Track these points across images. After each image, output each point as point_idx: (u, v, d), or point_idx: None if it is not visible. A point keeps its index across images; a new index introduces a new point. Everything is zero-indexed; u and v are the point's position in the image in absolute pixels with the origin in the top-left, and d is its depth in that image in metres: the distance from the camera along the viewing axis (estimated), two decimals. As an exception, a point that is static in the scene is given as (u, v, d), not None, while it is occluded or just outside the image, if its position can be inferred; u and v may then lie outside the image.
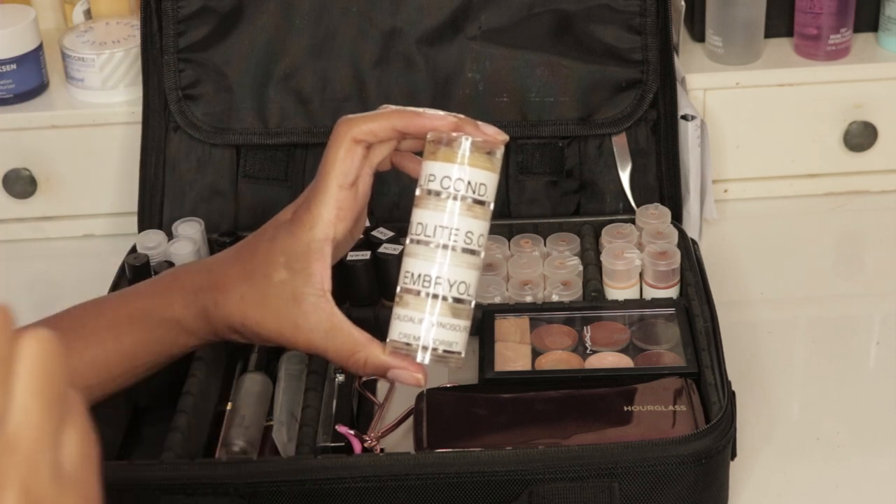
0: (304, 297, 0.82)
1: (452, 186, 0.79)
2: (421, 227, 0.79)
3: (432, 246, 0.79)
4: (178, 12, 1.17)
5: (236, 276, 0.85)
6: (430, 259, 0.79)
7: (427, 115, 0.81)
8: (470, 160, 0.78)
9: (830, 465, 0.96)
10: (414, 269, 0.80)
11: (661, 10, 1.16)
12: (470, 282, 0.80)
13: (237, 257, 0.86)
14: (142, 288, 0.89)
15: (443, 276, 0.79)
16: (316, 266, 0.82)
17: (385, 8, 1.16)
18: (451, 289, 0.79)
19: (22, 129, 1.26)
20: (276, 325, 0.83)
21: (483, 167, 0.79)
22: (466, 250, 0.79)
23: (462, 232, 0.79)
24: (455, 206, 0.79)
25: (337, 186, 0.82)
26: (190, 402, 0.94)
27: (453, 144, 0.79)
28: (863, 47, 1.29)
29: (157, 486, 0.85)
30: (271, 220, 0.87)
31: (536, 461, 0.85)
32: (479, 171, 0.79)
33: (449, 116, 0.81)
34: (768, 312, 1.13)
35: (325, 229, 0.82)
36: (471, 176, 0.79)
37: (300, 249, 0.82)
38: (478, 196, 0.79)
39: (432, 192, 0.79)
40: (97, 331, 0.87)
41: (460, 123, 0.80)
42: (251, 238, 0.87)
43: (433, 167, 0.79)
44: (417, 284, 0.79)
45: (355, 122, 0.82)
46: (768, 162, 1.29)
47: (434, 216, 0.79)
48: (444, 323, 0.79)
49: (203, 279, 0.86)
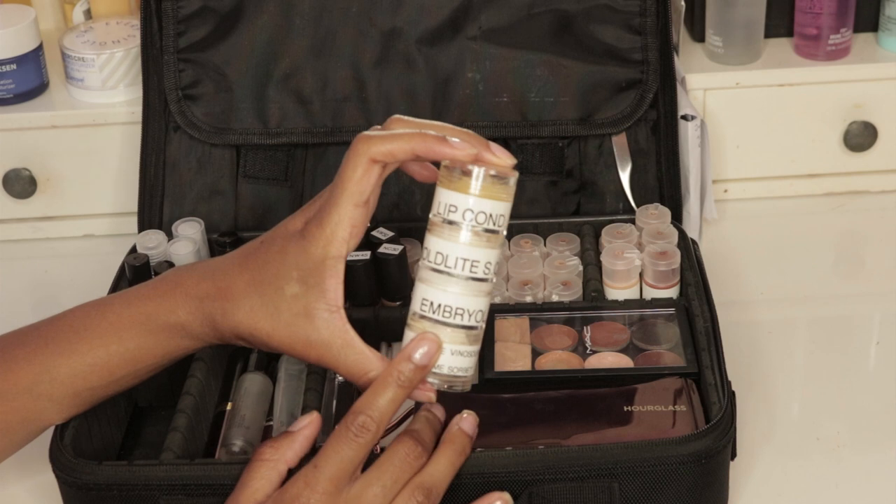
0: (317, 312, 0.82)
1: (465, 216, 0.80)
2: (438, 255, 0.80)
3: (444, 274, 0.80)
4: (178, 12, 1.17)
5: (245, 286, 0.85)
6: (442, 287, 0.81)
7: (448, 144, 0.80)
8: (483, 191, 0.79)
9: (830, 465, 0.96)
10: (430, 297, 0.81)
11: (661, 10, 1.16)
12: (481, 309, 0.82)
13: (245, 266, 0.86)
14: (144, 291, 0.89)
15: (453, 304, 0.81)
16: (330, 282, 0.82)
17: (385, 8, 1.16)
18: (461, 317, 0.81)
19: (22, 129, 1.26)
20: (287, 338, 0.83)
21: (500, 198, 0.80)
22: (480, 279, 0.81)
23: (480, 263, 0.80)
24: (467, 236, 0.80)
25: (353, 205, 0.82)
26: (190, 402, 0.94)
27: (468, 175, 0.79)
28: (863, 47, 1.29)
29: (157, 486, 0.85)
30: (278, 228, 0.86)
31: (536, 461, 0.85)
32: (496, 203, 0.80)
33: (467, 147, 0.80)
34: (768, 312, 1.13)
35: (339, 247, 0.82)
36: (484, 207, 0.80)
37: (314, 265, 0.82)
38: (490, 226, 0.80)
39: (447, 222, 0.80)
40: (100, 333, 0.87)
41: (479, 155, 0.80)
42: (258, 247, 0.86)
43: (449, 196, 0.80)
44: (434, 314, 0.81)
45: (374, 142, 0.81)
46: (768, 162, 1.29)
47: (446, 245, 0.80)
48: (453, 350, 0.81)
49: (209, 287, 0.86)
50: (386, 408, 0.80)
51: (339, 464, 0.78)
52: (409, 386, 0.80)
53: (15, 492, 0.97)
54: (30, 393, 0.87)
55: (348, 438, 0.78)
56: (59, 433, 0.89)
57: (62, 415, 0.89)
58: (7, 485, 0.98)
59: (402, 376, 0.80)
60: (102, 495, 0.86)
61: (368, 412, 0.79)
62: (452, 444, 0.81)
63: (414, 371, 0.80)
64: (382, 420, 0.79)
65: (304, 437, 0.82)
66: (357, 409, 0.79)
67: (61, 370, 0.87)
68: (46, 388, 0.87)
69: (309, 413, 0.84)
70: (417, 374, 0.80)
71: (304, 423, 0.83)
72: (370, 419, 0.79)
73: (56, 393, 0.87)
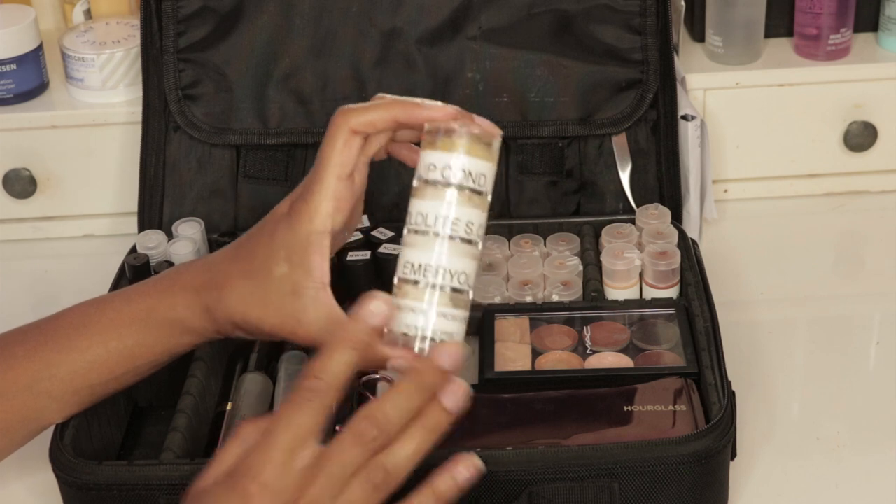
0: (304, 290, 0.82)
1: (451, 175, 0.78)
2: (419, 216, 0.78)
3: (431, 235, 0.78)
4: (178, 12, 1.17)
5: (237, 273, 0.85)
6: (429, 248, 0.78)
7: (426, 106, 0.81)
8: (468, 150, 0.78)
9: (830, 465, 0.96)
10: (412, 259, 0.79)
11: (661, 10, 1.16)
12: (468, 272, 0.79)
13: (237, 254, 0.86)
14: (144, 288, 0.89)
15: (441, 265, 0.78)
16: (315, 259, 0.82)
17: (385, 8, 1.16)
18: (449, 278, 0.78)
19: (22, 129, 1.26)
20: (277, 320, 0.83)
21: (481, 157, 0.78)
22: (465, 240, 0.78)
23: (461, 221, 0.78)
24: (454, 195, 0.78)
25: (335, 178, 0.82)
26: (190, 402, 0.94)
27: (452, 134, 0.78)
28: (863, 47, 1.29)
29: (157, 486, 0.85)
30: (269, 214, 0.87)
31: (536, 461, 0.85)
32: (477, 161, 0.78)
33: (448, 107, 0.80)
34: (768, 312, 1.13)
35: (324, 221, 0.82)
36: (469, 165, 0.78)
37: (299, 242, 0.82)
38: (476, 186, 0.78)
39: (430, 182, 0.78)
40: (100, 330, 0.87)
41: (459, 114, 0.80)
42: (250, 234, 0.87)
43: (432, 157, 0.79)
44: (416, 274, 0.78)
45: (353, 113, 0.82)
46: (768, 162, 1.29)
47: (432, 205, 0.78)
48: (442, 313, 0.78)
49: (204, 278, 0.86)
50: (338, 370, 0.74)
51: (292, 433, 0.73)
52: (361, 347, 0.75)
53: (15, 491, 0.97)
54: (30, 391, 0.87)
55: (298, 404, 0.73)
56: (59, 433, 0.89)
57: (62, 413, 0.89)
58: (7, 484, 0.98)
59: (354, 337, 0.75)
60: (102, 495, 0.86)
61: (318, 374, 0.74)
62: (423, 424, 0.75)
63: (365, 332, 0.75)
64: (333, 382, 0.74)
65: None
66: (306, 373, 0.74)
67: (61, 368, 0.87)
68: (46, 386, 0.87)
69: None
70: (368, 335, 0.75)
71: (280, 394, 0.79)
72: (319, 380, 0.73)
73: (56, 391, 0.87)
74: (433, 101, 0.82)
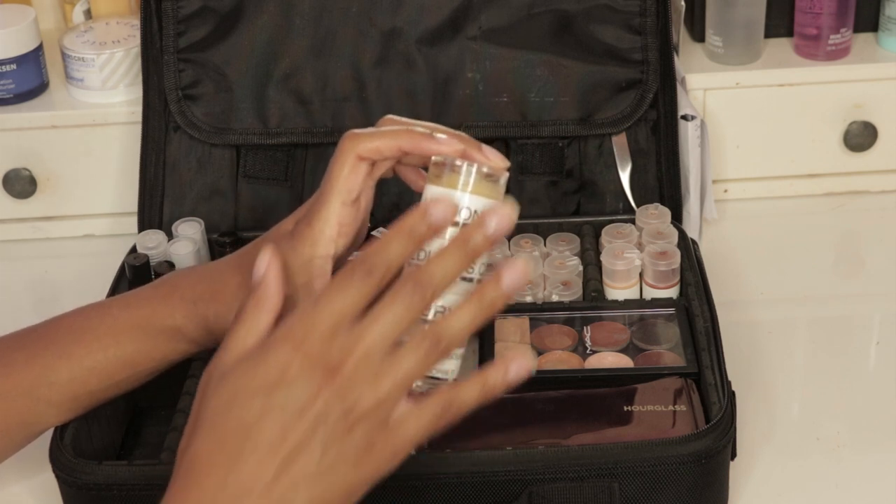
0: None
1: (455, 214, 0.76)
2: (421, 252, 0.76)
3: None
4: (178, 12, 1.17)
5: (236, 287, 0.85)
6: None
7: (435, 140, 0.79)
8: (474, 188, 0.76)
9: (830, 465, 0.96)
10: None
11: (661, 10, 1.16)
12: None
13: (238, 268, 0.86)
14: (142, 294, 0.89)
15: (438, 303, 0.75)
16: (317, 283, 0.81)
17: (385, 8, 1.16)
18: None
19: (22, 129, 1.26)
20: None
21: (487, 195, 0.76)
22: (465, 279, 0.76)
23: None
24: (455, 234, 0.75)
25: (340, 203, 0.81)
26: (190, 402, 0.94)
27: (458, 171, 0.76)
28: (863, 47, 1.29)
29: (158, 486, 0.85)
30: (273, 229, 0.87)
31: (536, 461, 0.85)
32: (481, 199, 0.76)
33: (455, 143, 0.79)
34: (768, 312, 1.13)
35: (327, 246, 0.82)
36: (473, 203, 0.76)
37: (302, 265, 0.82)
38: None
39: None
40: (99, 337, 0.87)
41: (467, 150, 0.79)
42: (251, 249, 0.87)
43: (436, 192, 0.77)
44: None
45: (361, 139, 0.81)
46: (768, 162, 1.29)
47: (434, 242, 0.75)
48: None
49: (203, 289, 0.86)
50: (394, 258, 0.71)
51: (340, 305, 0.70)
52: (419, 242, 0.72)
53: (15, 492, 0.97)
54: (29, 396, 0.87)
55: (353, 282, 0.70)
56: (59, 433, 0.89)
57: (60, 418, 0.89)
58: (7, 485, 0.98)
59: (414, 231, 0.71)
60: (102, 495, 0.86)
61: (375, 258, 0.70)
62: (481, 298, 0.71)
63: (426, 230, 0.72)
64: (390, 268, 0.71)
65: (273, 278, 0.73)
66: (365, 255, 0.71)
67: (60, 374, 0.87)
68: (45, 392, 0.87)
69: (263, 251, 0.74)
70: (429, 233, 0.72)
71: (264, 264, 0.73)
72: (376, 266, 0.70)
73: (55, 397, 0.87)
74: (443, 131, 0.80)
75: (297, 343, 0.69)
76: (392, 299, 0.70)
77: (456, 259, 0.71)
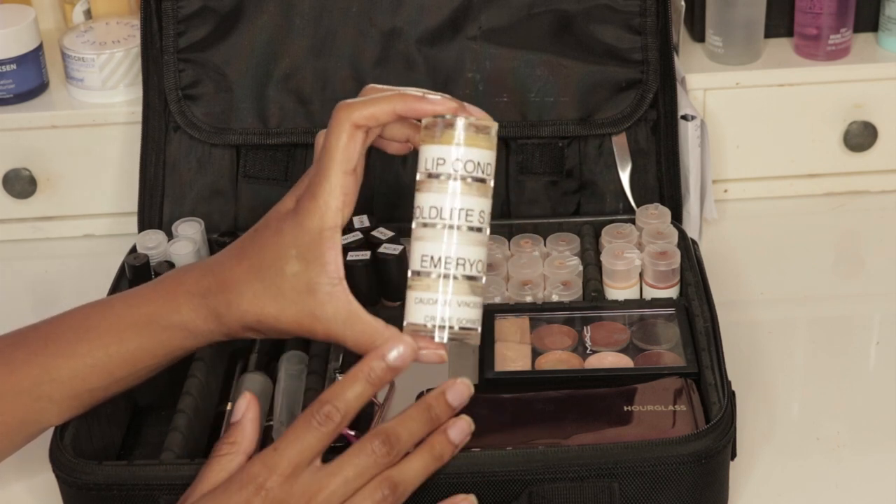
0: (320, 286, 0.82)
1: (453, 167, 0.80)
2: (426, 209, 0.81)
3: (439, 227, 0.80)
4: (178, 12, 1.17)
5: (245, 273, 0.85)
6: (439, 240, 0.80)
7: (429, 101, 0.81)
8: (468, 140, 0.80)
9: (830, 465, 0.96)
10: (424, 252, 0.81)
11: (661, 10, 1.16)
12: (479, 258, 0.81)
13: (242, 254, 0.86)
14: (145, 292, 0.89)
15: (453, 255, 0.80)
16: (329, 254, 0.82)
17: (385, 8, 1.16)
18: (462, 267, 0.81)
19: (22, 129, 1.26)
20: (294, 317, 0.83)
21: (483, 146, 0.81)
22: (473, 228, 0.81)
23: (469, 211, 0.81)
24: (457, 185, 0.80)
25: (341, 173, 0.82)
26: (190, 402, 0.94)
27: (451, 126, 0.80)
28: (863, 47, 1.29)
29: (157, 486, 0.85)
30: (271, 212, 0.87)
31: (536, 461, 0.85)
32: (478, 150, 0.80)
33: (448, 101, 0.81)
34: (768, 312, 1.13)
35: (335, 217, 0.82)
36: (470, 155, 0.80)
37: (311, 239, 0.82)
38: (478, 174, 0.81)
39: (433, 175, 0.80)
40: (101, 335, 0.87)
41: (459, 107, 0.82)
42: (253, 234, 0.87)
43: (433, 150, 0.81)
44: (429, 266, 0.81)
45: (355, 108, 0.82)
46: (768, 162, 1.29)
47: (438, 198, 0.80)
48: (458, 301, 0.81)
49: (209, 282, 0.86)
50: (353, 401, 0.79)
51: (299, 449, 0.77)
52: (378, 384, 0.79)
53: (15, 492, 0.97)
54: (30, 395, 0.87)
55: (312, 426, 0.77)
56: (59, 433, 0.89)
57: (61, 416, 0.89)
58: (7, 485, 0.98)
59: (372, 373, 0.79)
60: (102, 495, 0.86)
61: (335, 402, 0.78)
62: (431, 449, 0.80)
63: (385, 371, 0.79)
64: (348, 412, 0.78)
65: (249, 421, 0.81)
66: (324, 399, 0.78)
67: (62, 372, 0.87)
68: (47, 390, 0.87)
69: (242, 396, 0.82)
70: (388, 374, 0.80)
71: (242, 408, 0.81)
72: (335, 410, 0.78)
73: (56, 394, 0.87)
74: (433, 94, 0.82)
75: (259, 484, 0.76)
76: (359, 451, 0.77)
77: (420, 423, 0.80)
